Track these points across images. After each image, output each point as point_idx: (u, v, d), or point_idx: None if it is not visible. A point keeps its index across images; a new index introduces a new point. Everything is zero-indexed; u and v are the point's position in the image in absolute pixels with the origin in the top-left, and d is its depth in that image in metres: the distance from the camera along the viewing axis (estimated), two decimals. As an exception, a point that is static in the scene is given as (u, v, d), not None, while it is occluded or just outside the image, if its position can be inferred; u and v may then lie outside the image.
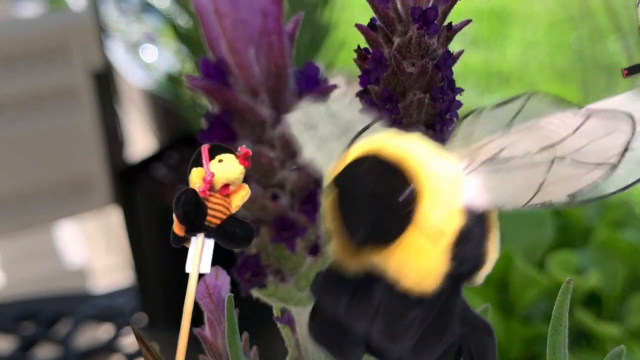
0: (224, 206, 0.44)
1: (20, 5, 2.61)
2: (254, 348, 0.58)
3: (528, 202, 0.38)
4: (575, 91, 3.33)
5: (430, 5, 0.49)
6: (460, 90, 0.51)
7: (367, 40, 0.51)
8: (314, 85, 0.51)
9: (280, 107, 0.50)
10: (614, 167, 0.36)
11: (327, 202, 0.40)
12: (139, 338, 0.54)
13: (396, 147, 0.38)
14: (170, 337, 0.46)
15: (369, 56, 0.50)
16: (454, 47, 0.51)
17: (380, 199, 0.37)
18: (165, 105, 2.28)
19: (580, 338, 1.40)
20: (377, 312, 0.39)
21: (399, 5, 0.49)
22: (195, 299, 0.48)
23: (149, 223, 1.68)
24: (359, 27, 0.51)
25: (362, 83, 0.51)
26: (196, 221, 0.44)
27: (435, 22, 0.48)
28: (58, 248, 2.32)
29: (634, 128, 0.36)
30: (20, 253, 2.24)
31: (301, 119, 0.45)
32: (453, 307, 0.39)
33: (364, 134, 0.40)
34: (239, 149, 0.45)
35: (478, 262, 0.39)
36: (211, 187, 0.44)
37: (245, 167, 0.45)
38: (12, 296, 1.69)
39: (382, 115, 0.49)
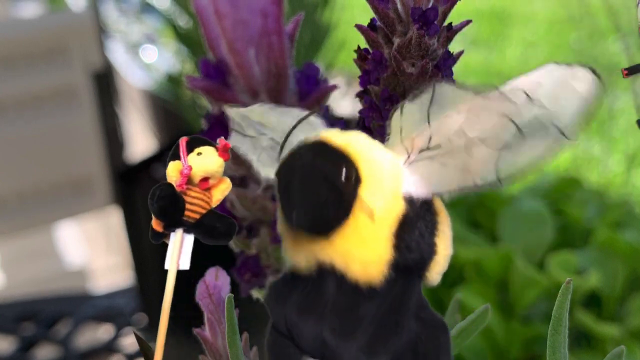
0: (203, 200, 0.43)
1: (20, 6, 2.61)
2: (254, 348, 0.58)
3: (463, 185, 0.39)
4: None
5: (430, 5, 0.49)
6: (461, 91, 0.51)
7: (367, 41, 0.51)
8: (314, 86, 0.51)
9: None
10: (519, 129, 0.38)
11: (276, 192, 0.40)
12: (140, 340, 0.54)
13: (339, 137, 0.39)
14: (170, 337, 0.46)
15: (369, 57, 0.50)
16: (454, 47, 0.51)
17: (320, 176, 0.38)
18: (165, 106, 2.28)
19: (581, 338, 1.40)
20: (328, 309, 0.39)
21: (399, 6, 0.49)
22: (195, 300, 0.48)
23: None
24: (359, 27, 0.51)
25: (362, 83, 0.50)
26: (173, 216, 0.43)
27: (436, 22, 0.48)
28: (58, 248, 2.32)
29: (529, 102, 0.38)
30: (20, 253, 2.24)
31: (237, 141, 0.45)
32: (406, 302, 0.39)
33: (299, 128, 0.41)
34: (218, 140, 0.44)
35: (425, 253, 0.40)
36: (189, 181, 0.43)
37: (225, 160, 0.44)
38: (12, 296, 1.69)
39: (381, 115, 0.49)
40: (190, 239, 0.44)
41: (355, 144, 0.39)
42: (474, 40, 3.99)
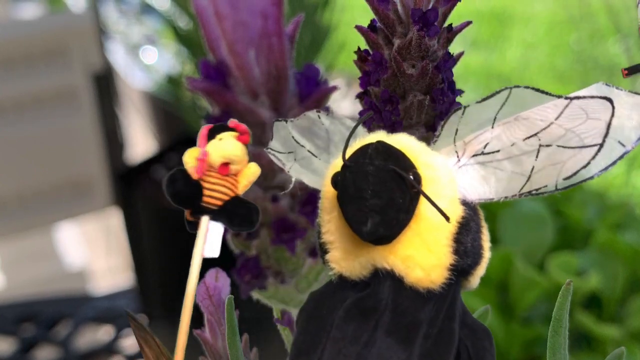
0: (225, 186, 0.42)
1: (21, 7, 2.61)
2: (254, 350, 0.58)
3: (521, 190, 0.39)
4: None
5: (430, 6, 0.49)
6: (461, 92, 0.51)
7: (367, 42, 0.51)
8: (314, 87, 0.51)
9: (281, 109, 0.50)
10: (600, 146, 0.37)
11: (326, 203, 0.39)
12: (138, 329, 0.54)
13: (395, 141, 0.39)
14: (171, 338, 0.46)
15: (369, 58, 0.50)
16: (454, 48, 0.51)
17: (395, 180, 0.37)
18: (165, 107, 2.28)
19: (581, 340, 1.40)
20: (385, 312, 0.38)
21: (399, 7, 0.49)
22: (195, 301, 0.48)
23: (149, 225, 1.68)
24: (359, 28, 0.51)
25: (362, 85, 0.50)
26: (189, 202, 0.42)
27: (436, 23, 0.48)
28: (58, 250, 2.32)
29: (613, 108, 0.37)
30: (21, 255, 2.24)
31: (277, 147, 0.44)
32: (456, 307, 0.39)
33: (353, 136, 0.40)
34: (229, 123, 0.43)
35: (477, 257, 0.40)
36: (210, 167, 0.42)
37: (244, 143, 0.43)
38: (12, 298, 1.69)
39: (381, 116, 0.49)
40: (217, 226, 0.42)
41: (411, 147, 0.39)
42: (474, 41, 3.99)
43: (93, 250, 2.68)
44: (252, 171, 0.43)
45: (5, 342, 1.53)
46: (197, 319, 0.57)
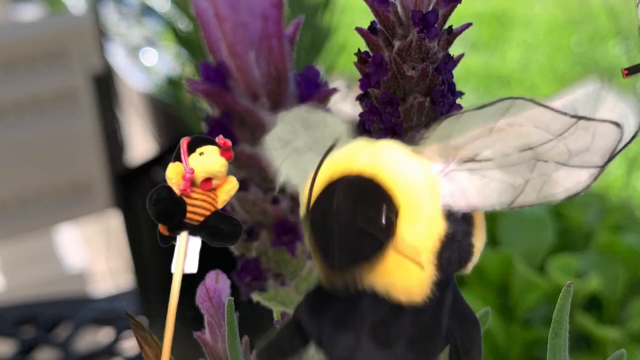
0: (207, 202, 0.42)
1: (21, 9, 2.61)
2: (254, 352, 0.58)
3: (513, 202, 0.38)
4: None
5: (430, 8, 0.49)
6: (461, 94, 0.51)
7: (368, 44, 0.51)
8: (314, 89, 0.51)
9: (281, 111, 0.50)
10: (602, 169, 0.37)
11: (304, 220, 0.39)
12: (138, 330, 0.54)
13: (367, 163, 0.38)
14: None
15: (370, 60, 0.50)
16: (454, 50, 0.51)
17: (359, 220, 0.36)
18: (166, 109, 2.28)
19: (581, 342, 1.40)
20: (367, 325, 0.38)
21: (399, 9, 0.49)
22: (195, 303, 0.48)
23: (149, 227, 1.67)
24: (359, 30, 0.51)
25: (362, 86, 0.50)
26: (174, 219, 0.42)
27: (436, 25, 0.48)
28: (58, 252, 2.32)
29: (621, 134, 0.36)
30: (21, 257, 2.24)
31: (278, 134, 0.43)
32: (444, 304, 0.39)
33: (335, 147, 0.39)
34: (217, 140, 0.42)
35: (465, 258, 0.39)
36: (192, 183, 0.42)
37: (227, 159, 0.42)
38: (12, 300, 1.69)
39: (382, 118, 0.49)
40: (196, 241, 0.42)
41: (389, 166, 0.37)
42: (474, 43, 3.99)
43: (93, 252, 2.68)
44: (232, 186, 0.43)
45: (5, 344, 1.53)
46: (198, 321, 0.57)
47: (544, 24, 4.15)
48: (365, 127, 0.50)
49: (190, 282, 0.57)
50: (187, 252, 0.42)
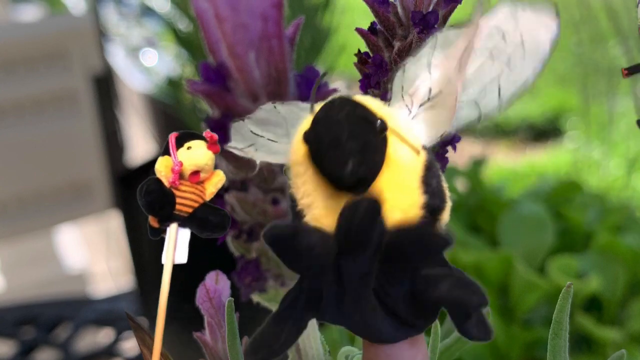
0: (195, 194, 0.43)
1: (21, 10, 2.62)
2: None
3: (468, 119, 0.42)
4: (575, 94, 3.33)
5: (430, 9, 0.49)
6: (461, 95, 0.51)
7: (368, 45, 0.51)
8: (314, 90, 0.50)
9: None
10: (522, 44, 0.42)
11: (298, 168, 0.40)
12: (138, 331, 0.54)
13: (354, 96, 0.40)
14: (171, 340, 0.46)
15: (370, 60, 0.50)
16: (454, 51, 0.51)
17: (366, 122, 0.39)
18: (166, 110, 2.28)
19: (581, 342, 1.40)
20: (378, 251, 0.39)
21: (399, 10, 0.49)
22: (195, 303, 0.48)
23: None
24: (359, 31, 0.51)
25: (362, 87, 0.50)
26: (163, 211, 0.43)
27: (436, 26, 0.48)
28: (58, 252, 2.32)
29: (520, 12, 0.42)
30: (21, 257, 2.24)
31: (236, 145, 0.45)
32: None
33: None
34: (204, 134, 0.44)
35: (443, 199, 0.41)
36: (180, 175, 0.43)
37: (214, 152, 0.44)
38: (12, 300, 1.69)
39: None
40: (185, 233, 0.44)
41: (369, 102, 0.40)
42: (474, 44, 3.98)
43: (93, 253, 2.68)
44: (219, 178, 0.44)
45: (5, 345, 1.53)
46: (198, 321, 0.57)
47: (544, 25, 4.14)
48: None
49: (190, 283, 0.57)
50: (177, 243, 0.43)
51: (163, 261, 0.44)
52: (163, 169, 0.43)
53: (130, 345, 1.49)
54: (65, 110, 1.83)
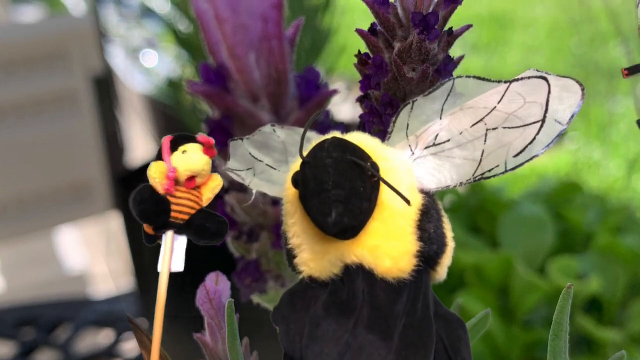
0: (191, 200, 0.42)
1: (21, 10, 2.62)
2: (254, 353, 0.58)
3: (474, 174, 0.40)
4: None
5: (430, 10, 0.49)
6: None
7: (368, 45, 0.51)
8: (314, 90, 0.51)
9: (281, 112, 0.50)
10: (542, 122, 0.40)
11: (289, 207, 0.40)
12: (138, 332, 0.54)
13: (349, 137, 0.40)
14: (170, 341, 0.46)
15: (370, 61, 0.50)
16: (454, 52, 0.51)
17: (354, 169, 0.38)
18: (166, 111, 2.28)
19: (581, 343, 1.40)
20: (361, 306, 0.39)
21: (399, 10, 0.49)
22: (195, 304, 0.48)
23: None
24: (359, 32, 0.51)
25: (362, 88, 0.50)
26: (158, 219, 0.41)
27: (436, 27, 0.48)
28: (58, 253, 2.32)
29: (549, 86, 0.40)
30: (21, 258, 2.24)
31: (235, 166, 0.45)
32: (428, 298, 0.40)
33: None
34: (198, 137, 0.42)
35: (441, 244, 0.40)
36: (175, 181, 0.42)
37: (210, 157, 0.42)
38: (12, 301, 1.69)
39: (382, 120, 0.49)
40: (182, 240, 0.42)
41: (366, 142, 0.40)
42: (474, 44, 3.99)
43: (93, 254, 2.68)
44: (216, 183, 0.43)
45: (5, 346, 1.53)
46: (198, 322, 0.57)
47: (544, 26, 4.15)
48: (366, 129, 0.50)
49: (190, 283, 0.57)
50: (173, 251, 0.42)
51: (159, 269, 0.42)
52: (157, 175, 0.41)
53: (130, 346, 1.49)
54: (65, 111, 1.83)
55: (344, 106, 1.86)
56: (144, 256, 1.68)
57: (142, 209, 0.41)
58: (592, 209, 1.61)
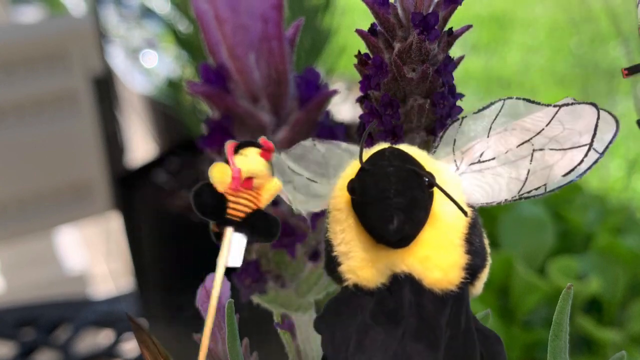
0: (248, 199, 0.43)
1: (21, 11, 2.62)
2: (254, 354, 0.58)
3: (520, 192, 0.41)
4: (575, 96, 3.33)
5: (430, 10, 0.49)
6: (461, 96, 0.51)
7: (368, 46, 0.50)
8: (314, 91, 0.50)
9: (281, 113, 0.50)
10: (590, 146, 0.40)
11: (338, 215, 0.40)
12: (138, 331, 0.54)
13: (403, 148, 0.40)
14: (170, 341, 0.46)
15: (370, 62, 0.50)
16: (454, 52, 0.51)
17: (415, 179, 0.38)
18: (166, 111, 2.28)
19: (581, 344, 1.40)
20: (408, 317, 0.39)
21: (399, 11, 0.49)
22: (195, 305, 0.48)
23: (149, 228, 1.67)
24: (359, 32, 0.51)
25: (362, 88, 0.50)
26: (215, 213, 0.43)
27: (436, 27, 0.48)
28: (58, 254, 2.32)
29: (598, 111, 0.40)
30: (21, 259, 2.24)
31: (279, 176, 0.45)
32: (470, 312, 0.40)
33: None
34: (260, 140, 0.44)
35: (484, 258, 0.41)
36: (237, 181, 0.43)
37: (266, 160, 0.43)
38: (12, 302, 1.69)
39: (382, 120, 0.49)
40: (239, 237, 0.44)
41: (418, 154, 0.40)
42: (474, 45, 3.99)
43: (93, 254, 2.68)
44: (274, 185, 0.44)
45: (5, 346, 1.53)
46: (198, 323, 0.57)
47: (544, 26, 4.15)
48: (365, 129, 0.50)
49: (190, 284, 0.57)
50: (230, 246, 0.43)
51: (217, 263, 0.44)
52: (218, 175, 0.43)
53: (130, 346, 1.49)
54: (65, 112, 1.83)
55: (344, 106, 1.86)
56: (144, 256, 1.68)
57: (200, 202, 0.43)
58: (592, 209, 1.61)
